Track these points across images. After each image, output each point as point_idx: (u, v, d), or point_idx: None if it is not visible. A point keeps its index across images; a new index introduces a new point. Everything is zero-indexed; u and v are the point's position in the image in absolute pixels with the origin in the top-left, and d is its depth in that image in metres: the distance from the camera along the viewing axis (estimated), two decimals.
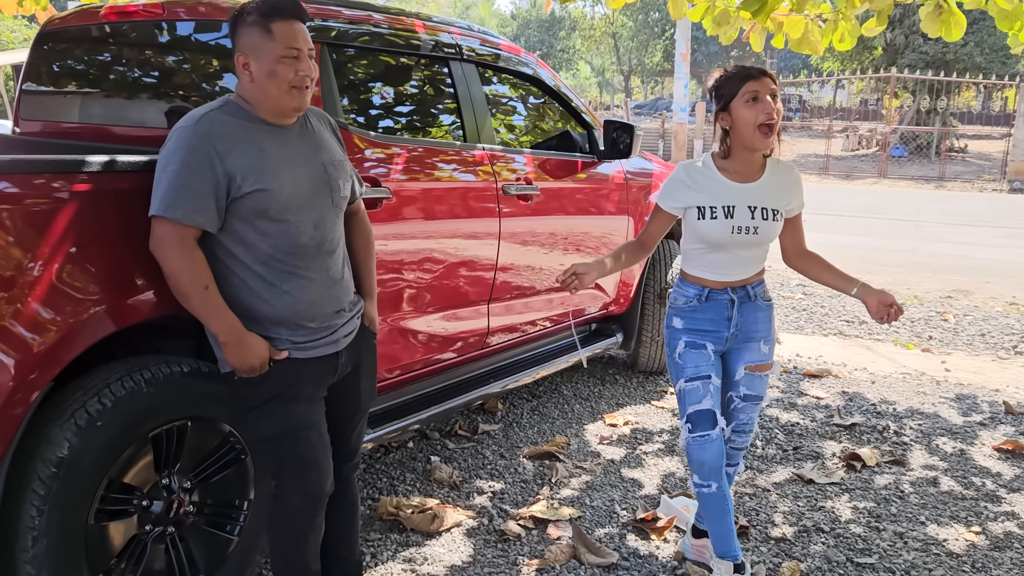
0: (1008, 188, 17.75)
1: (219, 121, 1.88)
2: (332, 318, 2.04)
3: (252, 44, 1.88)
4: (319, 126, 2.09)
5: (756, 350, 2.40)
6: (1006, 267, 8.55)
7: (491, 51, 3.43)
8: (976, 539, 2.87)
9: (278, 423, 1.99)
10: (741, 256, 2.35)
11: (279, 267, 1.94)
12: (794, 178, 2.38)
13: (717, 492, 2.36)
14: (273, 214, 1.90)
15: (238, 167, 1.85)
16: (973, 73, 22.14)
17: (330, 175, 2.03)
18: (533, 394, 4.22)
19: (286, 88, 1.89)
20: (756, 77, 2.20)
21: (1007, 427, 3.98)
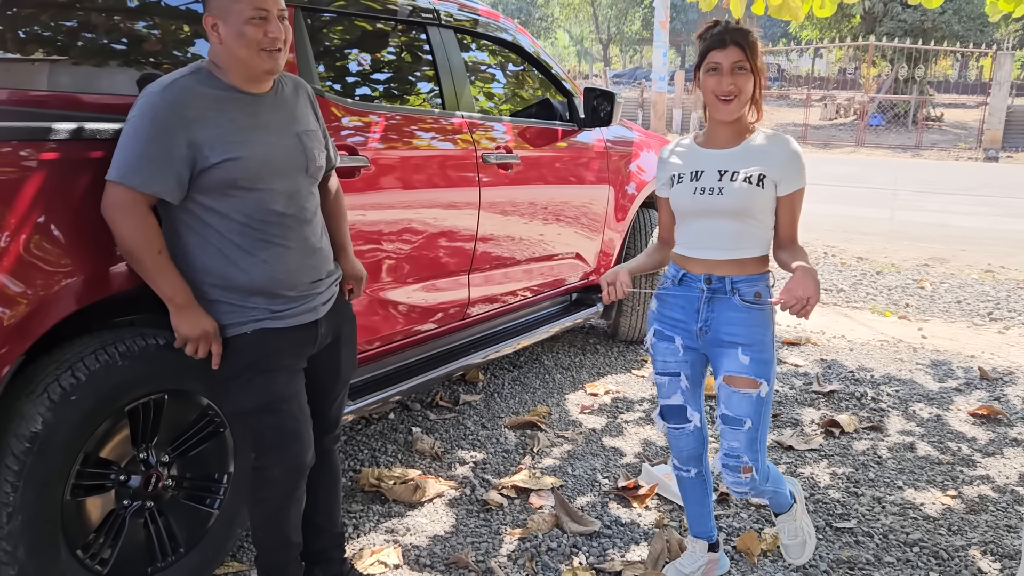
0: (983, 156, 17.89)
1: (188, 88, 1.83)
2: (310, 287, 2.02)
3: (220, 5, 1.83)
4: (294, 95, 2.04)
5: (733, 358, 2.08)
6: (981, 235, 8.64)
7: (469, 16, 3.37)
8: (952, 503, 2.91)
9: (257, 395, 1.96)
10: (713, 228, 2.10)
11: (255, 236, 1.90)
12: (783, 148, 2.09)
13: (695, 477, 2.34)
14: (244, 183, 1.86)
15: (206, 137, 1.81)
16: (951, 41, 22.20)
17: (304, 145, 1.99)
18: (514, 364, 4.22)
19: (255, 50, 1.84)
20: (722, 46, 2.03)
21: (982, 392, 4.03)
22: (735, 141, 2.13)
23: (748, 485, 2.13)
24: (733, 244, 2.10)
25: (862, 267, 6.95)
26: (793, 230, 2.13)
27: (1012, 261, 7.30)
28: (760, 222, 2.10)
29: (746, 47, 2.04)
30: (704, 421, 2.31)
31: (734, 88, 2.03)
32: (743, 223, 2.09)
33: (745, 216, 2.08)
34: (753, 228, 2.10)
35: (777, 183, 2.08)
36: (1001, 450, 3.36)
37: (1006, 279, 6.61)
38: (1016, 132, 19.36)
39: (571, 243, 3.82)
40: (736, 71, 2.03)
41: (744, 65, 2.03)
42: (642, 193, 4.21)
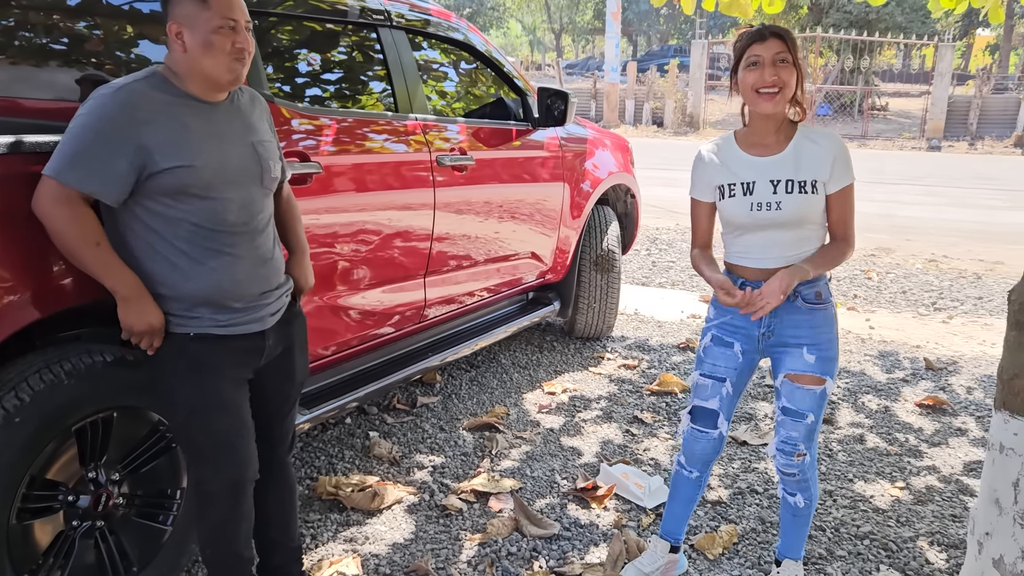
0: (926, 146, 18.36)
1: (141, 93, 1.78)
2: (258, 298, 1.97)
3: (186, 13, 1.78)
4: (250, 105, 2.01)
5: (798, 357, 2.10)
6: (925, 224, 8.87)
7: (421, 17, 3.34)
8: (900, 494, 2.99)
9: (192, 398, 1.90)
10: (773, 239, 2.08)
11: (204, 244, 1.86)
12: (829, 146, 2.06)
13: (695, 480, 2.35)
14: (195, 191, 1.82)
15: (157, 142, 1.76)
16: (894, 32, 22.68)
17: (259, 155, 1.96)
18: (472, 364, 4.21)
19: (223, 60, 1.81)
20: (762, 39, 2.00)
21: (927, 383, 4.15)
22: (781, 145, 2.09)
23: (798, 467, 2.18)
24: (792, 251, 2.10)
25: None
26: (845, 226, 2.10)
27: (955, 251, 7.51)
28: (818, 225, 2.11)
29: (787, 40, 2.01)
30: (726, 431, 2.30)
31: (777, 79, 1.99)
32: (802, 230, 2.09)
33: (803, 223, 2.08)
34: (810, 232, 2.10)
35: (826, 183, 2.07)
36: (946, 440, 3.46)
37: (949, 268, 6.80)
38: (957, 122, 19.89)
39: (527, 242, 3.82)
40: (779, 63, 1.99)
41: (786, 57, 2.00)
42: (597, 190, 4.23)
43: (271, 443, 2.13)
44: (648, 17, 39.27)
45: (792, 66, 2.01)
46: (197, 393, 1.91)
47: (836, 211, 2.09)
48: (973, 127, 19.64)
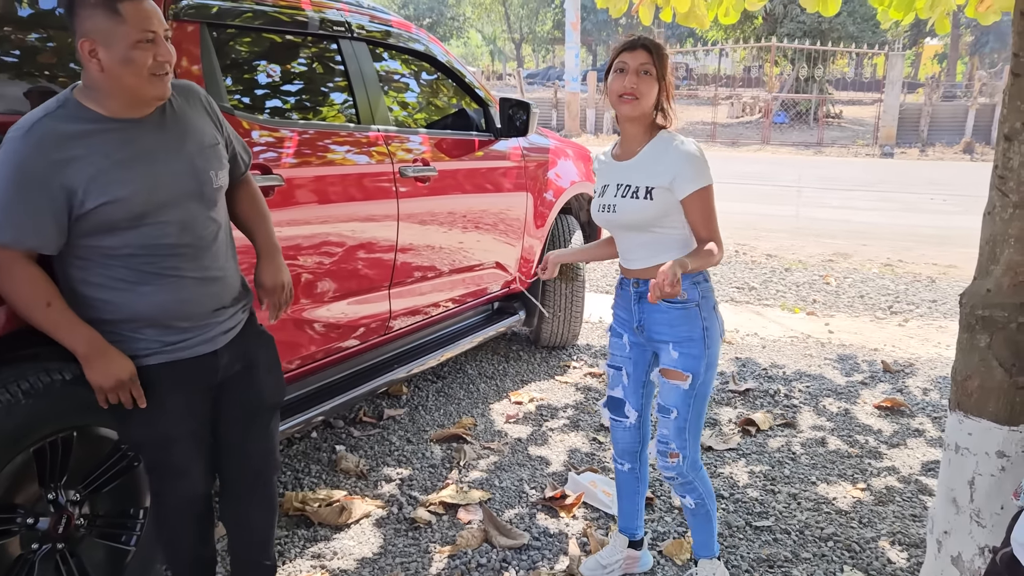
0: (879, 153, 18.77)
1: (53, 129, 1.66)
2: (209, 316, 1.90)
3: (99, 28, 1.64)
4: (185, 107, 1.87)
5: (666, 352, 2.17)
6: (881, 229, 9.06)
7: (381, 28, 3.34)
8: (862, 495, 3.05)
9: (144, 431, 1.88)
10: (629, 240, 2.21)
11: (144, 268, 1.77)
12: (675, 152, 2.08)
13: (628, 472, 2.44)
14: (126, 223, 1.72)
15: (78, 180, 1.65)
16: (846, 42, 23.18)
17: (197, 168, 1.83)
18: (438, 375, 4.20)
19: (145, 76, 1.68)
20: (631, 49, 2.09)
21: (885, 384, 4.23)
22: (637, 150, 2.16)
23: (675, 470, 2.23)
24: (652, 251, 2.16)
25: (771, 264, 7.20)
26: (705, 229, 2.10)
27: (909, 255, 7.69)
28: (666, 228, 2.13)
29: (654, 52, 2.07)
30: (646, 421, 2.39)
31: (636, 88, 2.06)
32: (651, 233, 2.15)
33: (647, 228, 2.14)
34: (665, 234, 2.14)
35: (672, 188, 2.08)
36: (905, 441, 3.54)
37: (904, 272, 6.96)
38: (909, 128, 20.38)
39: (492, 252, 3.83)
40: (641, 73, 2.06)
41: (650, 69, 2.06)
42: (560, 200, 4.26)
43: (248, 459, 2.08)
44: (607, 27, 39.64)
45: (655, 78, 2.07)
46: (147, 427, 1.87)
47: (692, 214, 2.10)
48: (924, 134, 20.13)
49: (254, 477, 2.10)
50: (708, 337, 2.16)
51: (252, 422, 2.07)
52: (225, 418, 2.02)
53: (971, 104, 20.28)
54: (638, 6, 4.72)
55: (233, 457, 2.06)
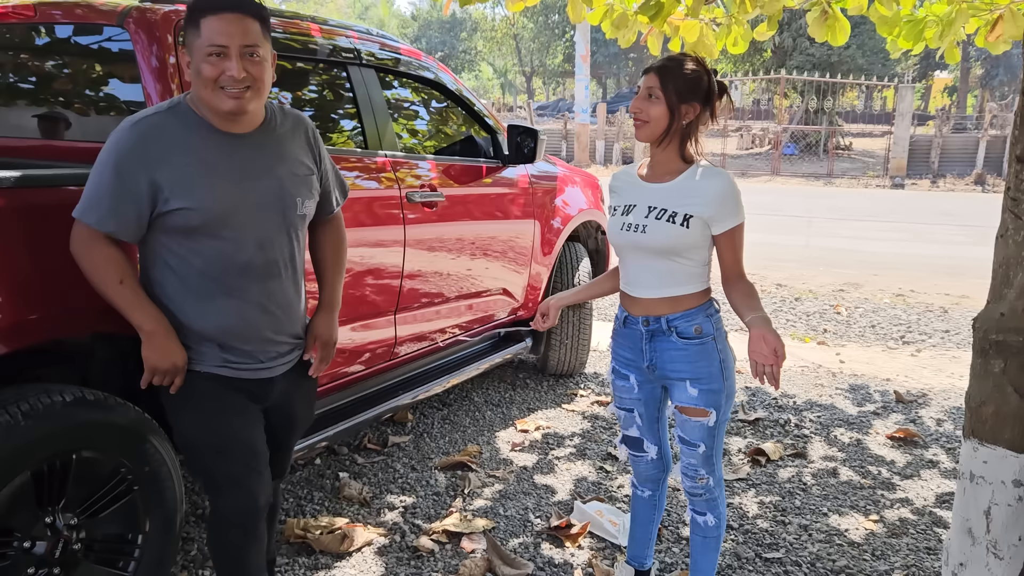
0: (890, 184, 18.76)
1: (158, 125, 1.78)
2: (269, 344, 1.94)
3: (187, 40, 1.78)
4: (287, 133, 1.94)
5: (683, 390, 2.11)
6: (892, 260, 9.01)
7: (391, 55, 3.36)
8: (875, 527, 2.99)
9: (204, 435, 1.91)
10: (642, 265, 2.13)
11: (214, 283, 1.84)
12: (716, 185, 2.04)
13: (648, 498, 2.40)
14: (206, 230, 1.80)
15: (168, 179, 1.75)
16: (856, 74, 23.30)
17: (285, 190, 1.89)
18: (444, 403, 4.17)
19: (211, 89, 1.75)
20: (646, 73, 2.09)
21: (898, 415, 4.17)
22: (671, 175, 2.10)
23: (703, 488, 2.22)
24: (665, 282, 2.10)
25: (781, 294, 7.16)
26: (737, 266, 2.09)
27: (921, 285, 7.63)
28: (692, 260, 2.09)
29: (661, 76, 2.04)
30: (667, 450, 2.35)
31: (640, 111, 2.05)
32: (672, 261, 2.09)
33: (672, 255, 2.08)
34: (684, 266, 2.09)
35: (710, 222, 2.05)
36: (918, 472, 3.47)
37: (916, 303, 6.90)
38: (919, 160, 20.38)
39: (499, 279, 3.82)
40: (646, 97, 2.05)
41: (656, 92, 2.03)
42: (567, 227, 4.25)
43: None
44: (617, 60, 39.99)
45: (662, 102, 2.03)
46: (206, 431, 1.91)
47: (728, 251, 2.09)
48: (935, 165, 20.12)
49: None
50: (726, 369, 2.13)
51: (280, 446, 2.14)
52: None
53: (982, 136, 20.27)
54: (646, 37, 4.75)
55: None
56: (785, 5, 3.81)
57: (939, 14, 3.70)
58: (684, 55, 2.10)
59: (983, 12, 3.58)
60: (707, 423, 2.12)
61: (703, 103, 2.07)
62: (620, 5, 4.37)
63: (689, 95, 2.04)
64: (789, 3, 3.81)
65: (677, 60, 2.07)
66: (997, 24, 3.56)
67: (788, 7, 3.86)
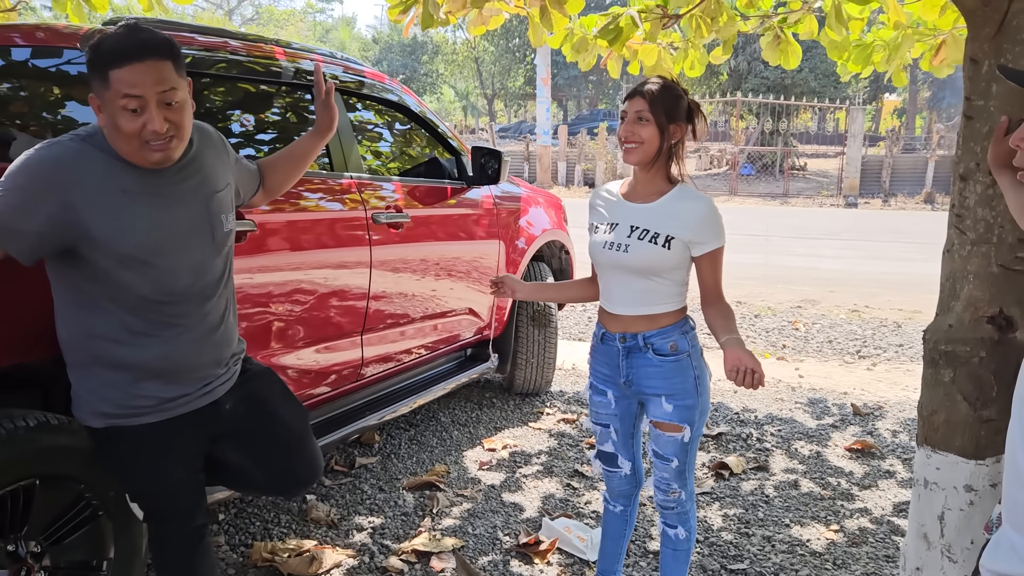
0: (844, 203, 19.20)
1: (77, 151, 1.67)
2: (209, 368, 1.92)
3: (95, 89, 1.65)
4: (203, 149, 1.88)
5: (658, 405, 2.16)
6: (847, 276, 9.22)
7: (355, 78, 3.39)
8: (835, 537, 3.05)
9: (147, 482, 1.89)
10: (623, 284, 2.17)
11: (150, 316, 1.78)
12: (698, 209, 2.10)
13: (620, 514, 2.43)
14: (138, 261, 1.73)
15: (85, 204, 1.65)
16: (809, 97, 23.86)
17: (212, 211, 1.85)
18: (410, 423, 4.17)
19: (136, 144, 1.65)
20: (631, 97, 2.13)
21: (855, 427, 4.27)
22: (654, 196, 2.15)
23: (675, 501, 2.27)
24: (644, 300, 2.15)
25: (741, 311, 7.28)
26: (716, 288, 2.15)
27: (875, 300, 7.82)
28: (671, 280, 2.14)
29: (649, 99, 2.08)
30: (639, 465, 2.38)
31: (632, 135, 2.09)
32: (651, 281, 2.14)
33: (652, 274, 2.13)
34: (663, 285, 2.14)
35: (690, 244, 2.11)
36: (876, 482, 3.56)
37: (871, 318, 7.07)
38: (871, 180, 20.92)
39: (464, 299, 3.84)
40: (637, 120, 2.08)
41: (645, 116, 2.07)
42: (532, 247, 4.29)
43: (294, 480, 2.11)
44: (577, 82, 40.45)
45: (653, 124, 2.08)
46: (152, 479, 1.89)
47: (707, 273, 2.14)
48: (886, 185, 20.65)
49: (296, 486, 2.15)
50: (700, 385, 2.17)
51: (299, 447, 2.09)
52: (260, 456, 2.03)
53: (930, 156, 20.88)
54: (606, 60, 4.85)
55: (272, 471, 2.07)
56: (740, 30, 3.94)
57: (886, 39, 3.85)
58: (660, 78, 2.14)
59: (927, 37, 3.73)
60: (681, 438, 2.17)
61: (687, 122, 2.14)
62: (580, 29, 4.47)
63: (675, 115, 2.10)
64: (743, 28, 3.94)
65: (660, 83, 2.11)
66: (941, 49, 3.71)
67: (742, 32, 3.98)
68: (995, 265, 1.89)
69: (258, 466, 2.05)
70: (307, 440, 2.12)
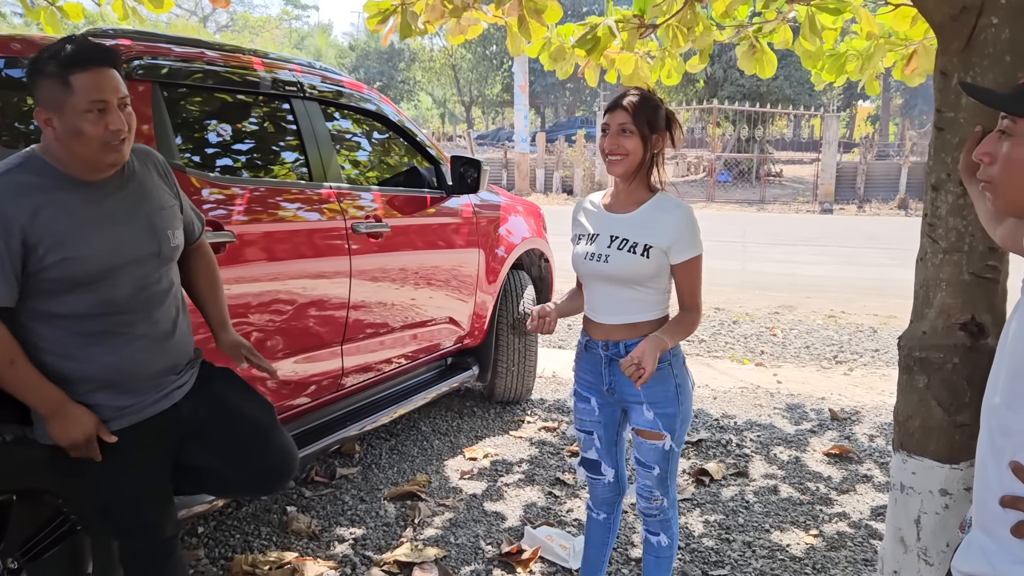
0: (820, 209, 19.40)
1: (17, 184, 1.68)
2: (162, 376, 1.90)
3: (51, 98, 1.67)
4: (143, 171, 1.90)
5: (640, 413, 2.18)
6: (823, 282, 9.32)
7: (333, 88, 3.39)
8: (814, 541, 3.08)
9: (112, 493, 1.86)
10: (606, 293, 2.19)
11: (96, 328, 1.78)
12: (676, 217, 2.14)
13: (603, 521, 2.44)
14: (85, 280, 1.73)
15: (41, 236, 1.67)
16: (784, 104, 24.12)
17: (156, 227, 1.86)
18: (391, 433, 4.16)
19: (96, 147, 1.69)
20: (613, 109, 2.14)
21: (833, 432, 4.31)
22: (634, 205, 2.18)
23: (658, 508, 2.28)
24: (626, 309, 2.18)
25: (720, 317, 7.33)
26: (693, 296, 2.18)
27: (851, 306, 7.91)
28: (652, 288, 2.17)
29: (632, 111, 2.10)
30: (623, 473, 2.39)
31: (618, 147, 2.11)
32: (633, 290, 2.17)
33: (633, 283, 2.16)
34: (645, 294, 2.17)
35: (668, 252, 2.14)
36: (854, 487, 3.60)
37: (847, 323, 7.14)
38: (846, 186, 21.14)
39: (445, 308, 3.85)
40: (621, 133, 2.11)
41: (629, 128, 2.10)
42: (512, 255, 4.31)
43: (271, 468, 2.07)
44: (555, 90, 40.60)
45: (636, 136, 2.11)
46: (116, 490, 1.87)
47: (684, 281, 2.17)
48: (861, 191, 20.89)
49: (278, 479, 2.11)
50: (681, 393, 2.20)
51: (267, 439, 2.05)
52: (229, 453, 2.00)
53: (903, 163, 21.15)
54: (583, 69, 4.88)
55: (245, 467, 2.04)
56: (715, 39, 3.98)
57: (859, 49, 3.90)
58: (639, 89, 2.16)
59: (899, 48, 3.79)
60: (662, 446, 2.19)
61: (666, 131, 2.17)
62: (558, 39, 4.49)
63: (656, 126, 2.14)
64: (719, 37, 3.98)
65: (639, 94, 2.14)
66: (912, 58, 3.77)
67: (718, 41, 4.02)
68: (967, 273, 1.92)
69: (229, 464, 2.02)
70: (275, 431, 2.09)
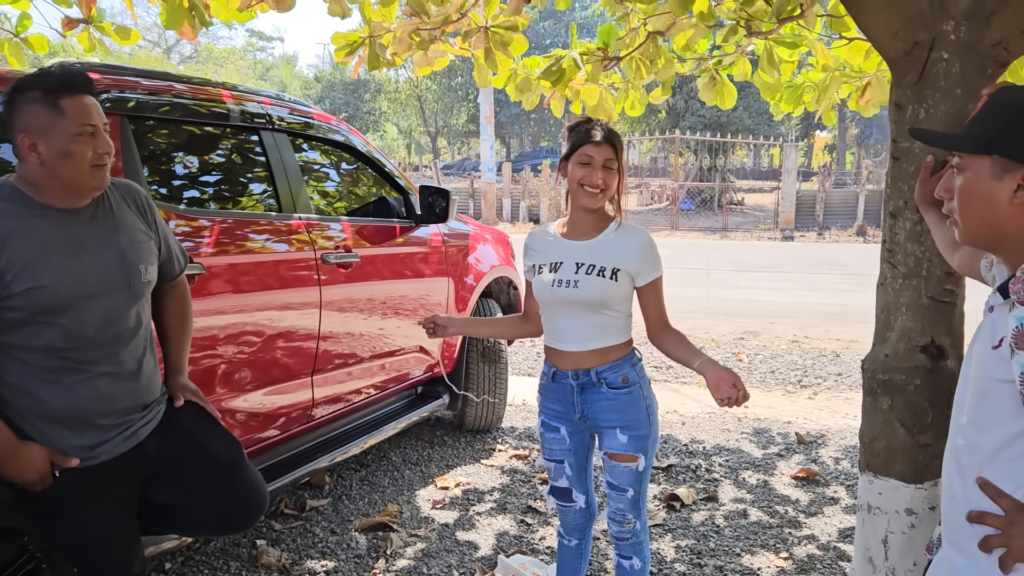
0: (781, 236, 19.75)
1: None
2: (126, 414, 1.87)
3: (39, 123, 1.69)
4: (119, 204, 1.90)
5: (613, 437, 2.22)
6: (786, 308, 9.47)
7: (302, 120, 3.41)
8: (784, 564, 3.11)
9: (78, 535, 1.83)
10: (572, 319, 2.22)
11: (59, 362, 1.75)
12: (639, 242, 2.23)
13: (575, 547, 2.45)
14: (52, 310, 1.72)
15: (8, 262, 1.66)
16: (744, 134, 24.62)
17: (128, 260, 1.86)
18: (361, 463, 4.12)
19: (86, 168, 1.73)
20: (596, 143, 2.17)
21: (800, 455, 4.37)
22: (594, 232, 2.25)
23: (630, 532, 2.30)
24: (594, 335, 2.22)
25: None
26: (662, 315, 2.27)
27: (814, 331, 8.04)
28: (618, 312, 2.23)
29: (617, 148, 2.20)
30: (592, 499, 2.41)
31: (602, 183, 2.18)
32: (601, 315, 2.21)
33: (602, 308, 2.21)
34: (612, 318, 2.22)
35: (633, 275, 2.22)
36: (821, 509, 3.64)
37: (810, 348, 7.26)
38: (806, 213, 21.58)
39: (414, 337, 3.84)
40: (606, 168, 2.18)
41: (614, 164, 2.19)
42: (481, 283, 4.33)
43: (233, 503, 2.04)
44: (520, 120, 40.96)
45: (615, 172, 2.21)
46: (81, 530, 1.83)
47: (651, 302, 2.27)
48: (820, 218, 21.32)
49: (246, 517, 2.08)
50: (651, 415, 2.25)
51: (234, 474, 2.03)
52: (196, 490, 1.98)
53: (860, 191, 21.66)
54: (549, 100, 4.96)
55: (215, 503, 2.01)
56: (677, 71, 4.08)
57: (815, 81, 4.02)
58: (601, 121, 2.24)
59: (854, 79, 3.92)
60: (636, 468, 2.23)
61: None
62: (524, 70, 4.56)
63: (622, 156, 2.23)
64: (681, 70, 4.08)
65: (608, 128, 2.23)
66: (867, 90, 3.90)
67: (680, 73, 4.12)
68: (925, 297, 1.99)
69: (196, 501, 2.00)
70: (242, 466, 2.07)
